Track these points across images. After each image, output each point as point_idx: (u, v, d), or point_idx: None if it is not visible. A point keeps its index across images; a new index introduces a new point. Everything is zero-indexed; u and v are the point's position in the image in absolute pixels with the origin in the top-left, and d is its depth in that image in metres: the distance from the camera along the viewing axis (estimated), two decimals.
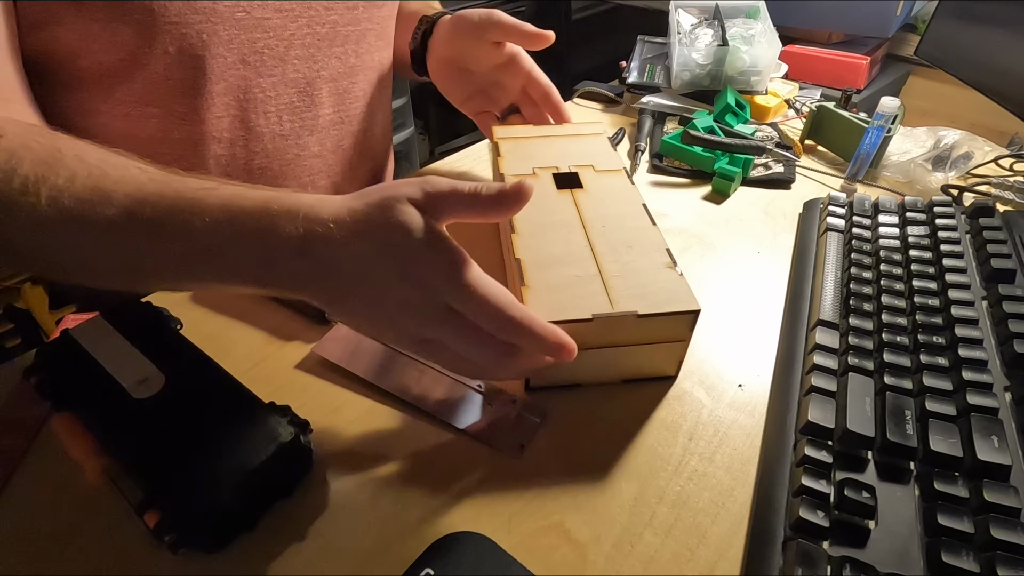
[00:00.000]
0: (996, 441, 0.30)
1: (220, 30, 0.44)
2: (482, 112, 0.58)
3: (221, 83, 0.47)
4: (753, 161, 0.61)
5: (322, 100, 0.54)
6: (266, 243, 0.29)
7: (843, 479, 0.29)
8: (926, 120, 0.67)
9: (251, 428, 0.30)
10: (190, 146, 0.49)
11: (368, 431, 0.35)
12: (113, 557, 0.29)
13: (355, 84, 0.56)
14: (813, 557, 0.26)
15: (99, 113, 0.46)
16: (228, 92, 0.48)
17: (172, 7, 0.42)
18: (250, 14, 0.46)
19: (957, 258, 0.44)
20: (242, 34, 0.46)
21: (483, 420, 0.36)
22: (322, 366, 0.39)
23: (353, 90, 0.56)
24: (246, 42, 0.47)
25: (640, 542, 0.30)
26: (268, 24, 0.47)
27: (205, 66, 0.45)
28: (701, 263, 0.50)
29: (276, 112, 0.51)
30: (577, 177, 0.46)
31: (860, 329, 0.38)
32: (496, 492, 0.32)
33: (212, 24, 0.44)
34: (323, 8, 0.50)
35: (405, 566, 0.28)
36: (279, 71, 0.50)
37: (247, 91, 0.49)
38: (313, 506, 0.31)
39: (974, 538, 0.27)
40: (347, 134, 0.58)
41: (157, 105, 0.46)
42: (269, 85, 0.50)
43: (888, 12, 1.01)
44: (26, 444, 0.34)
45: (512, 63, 0.55)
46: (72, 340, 0.35)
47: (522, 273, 0.36)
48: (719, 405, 0.37)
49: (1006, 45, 0.69)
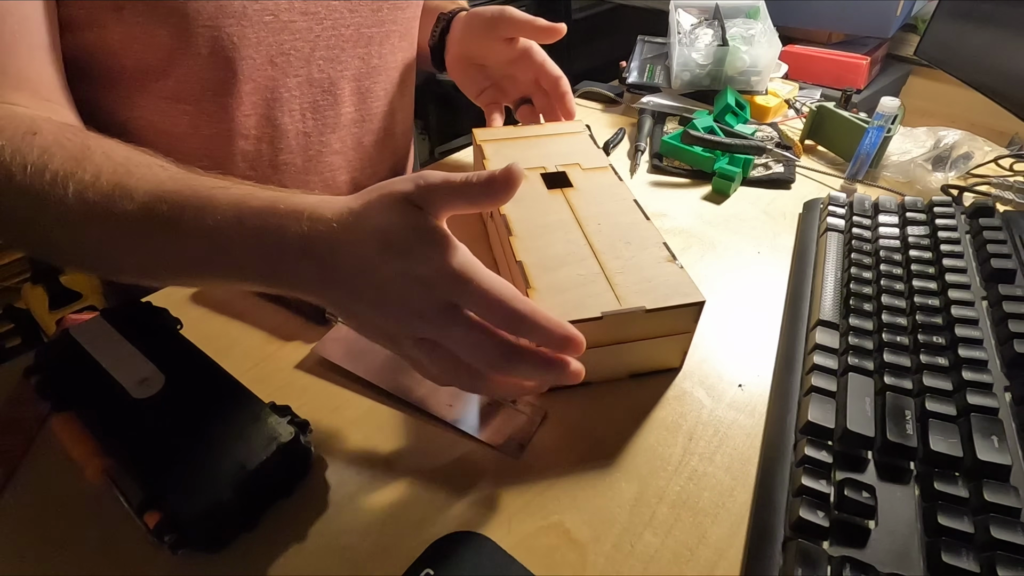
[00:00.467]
0: (996, 441, 0.30)
1: (249, 33, 0.46)
2: (492, 103, 0.60)
3: (250, 83, 0.48)
4: (753, 161, 0.61)
5: (344, 99, 0.55)
6: (271, 243, 0.29)
7: (843, 479, 0.29)
8: (926, 120, 0.67)
9: (251, 428, 0.30)
10: (219, 142, 0.50)
11: (368, 431, 0.35)
12: (113, 557, 0.29)
13: (376, 84, 0.57)
14: (813, 557, 0.26)
15: (136, 107, 0.48)
16: (256, 91, 0.49)
17: (205, 11, 0.43)
18: (278, 17, 0.47)
19: (957, 258, 0.44)
20: (270, 36, 0.47)
21: (483, 420, 0.36)
22: (322, 366, 0.39)
23: (374, 89, 0.57)
24: (274, 44, 0.48)
25: (640, 542, 0.30)
26: (295, 27, 0.49)
27: (235, 67, 0.47)
28: (701, 263, 0.50)
29: (300, 111, 0.53)
30: (566, 176, 0.47)
31: (860, 329, 0.38)
32: (496, 492, 0.32)
33: (242, 27, 0.45)
34: (347, 10, 0.52)
35: (405, 566, 0.28)
36: (304, 71, 0.51)
37: (274, 91, 0.50)
38: (313, 506, 0.31)
39: (974, 538, 0.27)
40: (367, 132, 0.59)
41: (189, 102, 0.48)
42: (294, 85, 0.51)
43: (888, 12, 1.01)
44: (26, 444, 0.34)
45: (524, 57, 0.56)
46: (72, 340, 0.35)
47: (526, 276, 0.36)
48: (719, 405, 0.37)
49: (1006, 45, 0.69)
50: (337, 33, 0.52)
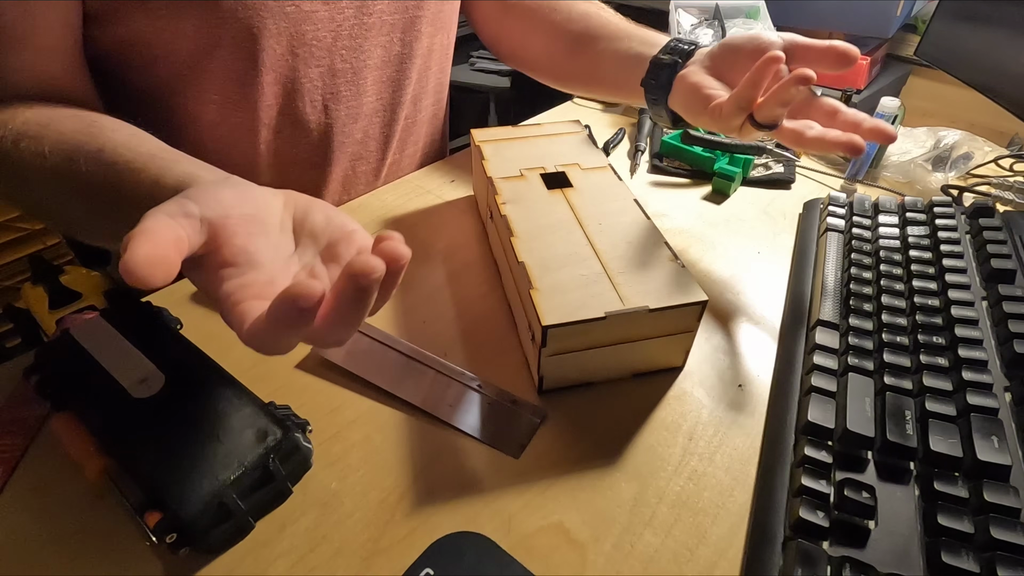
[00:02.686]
0: (996, 441, 0.30)
1: (270, 24, 0.46)
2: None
3: (271, 73, 0.49)
4: (753, 161, 0.61)
5: (367, 88, 0.55)
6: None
7: (843, 479, 0.29)
8: (926, 120, 0.67)
9: (251, 428, 0.30)
10: (244, 131, 0.51)
11: (368, 431, 0.35)
12: (113, 557, 0.29)
13: (400, 72, 0.57)
14: (813, 557, 0.26)
15: (177, 94, 0.48)
16: (278, 82, 0.49)
17: (227, 3, 0.44)
18: (299, 7, 0.47)
19: (957, 258, 0.44)
20: (292, 27, 0.47)
21: (483, 420, 0.36)
22: (322, 366, 0.39)
23: (398, 78, 0.57)
24: (295, 34, 0.48)
25: (640, 542, 0.30)
26: (316, 16, 0.48)
27: (256, 57, 0.47)
28: (701, 263, 0.50)
29: (323, 101, 0.53)
30: (565, 176, 0.47)
31: (860, 329, 0.38)
32: (496, 492, 0.32)
33: (263, 18, 0.46)
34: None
35: (405, 566, 0.28)
36: (326, 61, 0.51)
37: (295, 81, 0.50)
38: (313, 506, 0.31)
39: (974, 538, 0.27)
40: (390, 121, 0.59)
41: (216, 92, 0.48)
42: (316, 75, 0.51)
43: (888, 12, 1.01)
44: (26, 444, 0.34)
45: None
46: (72, 340, 0.35)
47: (529, 277, 0.36)
48: (719, 405, 0.37)
49: (1006, 45, 0.69)
50: (360, 22, 0.51)
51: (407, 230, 0.53)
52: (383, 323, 0.43)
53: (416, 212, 0.55)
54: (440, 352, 0.40)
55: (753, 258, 0.50)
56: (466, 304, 0.45)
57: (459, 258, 0.49)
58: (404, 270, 0.23)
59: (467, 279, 0.47)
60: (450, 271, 0.48)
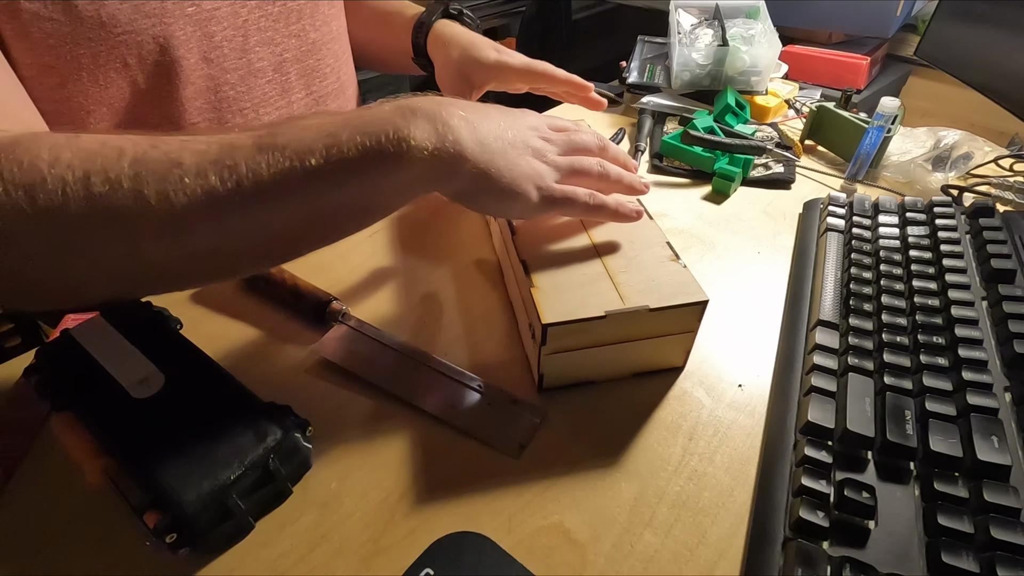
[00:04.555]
0: (996, 441, 0.30)
1: (175, 30, 0.43)
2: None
3: (189, 87, 0.46)
4: (753, 161, 0.61)
5: (292, 84, 0.53)
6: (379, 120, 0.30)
7: (843, 479, 0.29)
8: (926, 120, 0.67)
9: (251, 428, 0.30)
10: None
11: (368, 431, 0.35)
12: (113, 557, 0.29)
13: (321, 60, 0.55)
14: (813, 557, 0.26)
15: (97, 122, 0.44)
16: (199, 95, 0.47)
17: (121, 14, 0.40)
18: (199, 6, 0.44)
19: (957, 258, 0.44)
20: (197, 30, 0.45)
21: (483, 420, 0.36)
22: (322, 366, 0.39)
23: (320, 67, 0.56)
24: (203, 37, 0.45)
25: (640, 542, 0.30)
26: (219, 14, 0.46)
27: (168, 72, 0.44)
28: (701, 263, 0.50)
29: (252, 107, 0.51)
30: None
31: (860, 329, 0.38)
32: (496, 492, 0.32)
33: (165, 25, 0.42)
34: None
35: (405, 566, 0.28)
36: (243, 63, 0.49)
37: (217, 90, 0.48)
38: (313, 506, 0.31)
39: (974, 538, 0.27)
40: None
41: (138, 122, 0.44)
42: (237, 80, 0.49)
43: (888, 12, 1.01)
44: (26, 444, 0.34)
45: (504, 71, 0.55)
46: (72, 340, 0.35)
47: (530, 275, 0.36)
48: (719, 405, 0.37)
49: (1006, 45, 0.69)
50: (265, 13, 0.49)
51: (408, 230, 0.53)
52: (383, 323, 0.43)
53: (416, 212, 0.56)
54: (440, 352, 0.40)
55: (753, 258, 0.50)
56: (467, 303, 0.45)
57: (460, 257, 0.49)
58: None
59: (468, 278, 0.47)
60: (451, 270, 0.48)
